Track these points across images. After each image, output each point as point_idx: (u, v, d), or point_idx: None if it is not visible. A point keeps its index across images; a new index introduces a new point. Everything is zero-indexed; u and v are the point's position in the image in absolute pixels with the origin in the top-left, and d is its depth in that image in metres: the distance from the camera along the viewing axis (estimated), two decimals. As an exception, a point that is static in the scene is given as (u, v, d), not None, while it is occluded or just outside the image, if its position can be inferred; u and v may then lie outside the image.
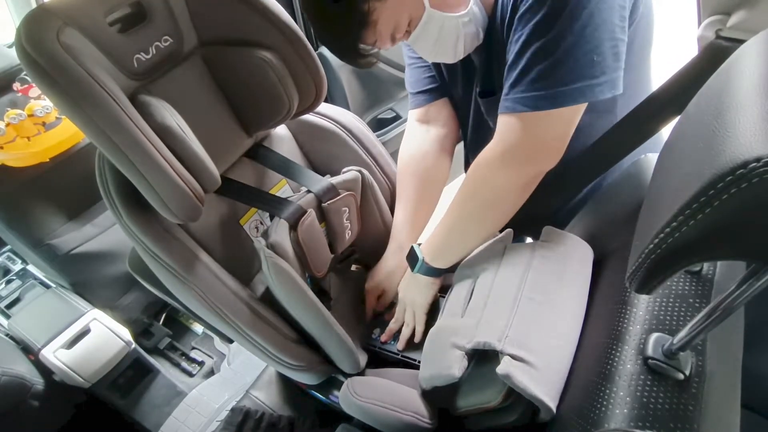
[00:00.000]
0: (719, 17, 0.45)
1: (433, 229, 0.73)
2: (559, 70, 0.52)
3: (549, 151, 0.59)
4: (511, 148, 0.59)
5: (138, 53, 0.57)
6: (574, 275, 0.59)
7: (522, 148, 0.59)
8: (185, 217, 0.59)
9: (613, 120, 0.64)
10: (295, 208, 0.70)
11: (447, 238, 0.70)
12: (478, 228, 0.67)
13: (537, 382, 0.48)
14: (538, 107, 0.55)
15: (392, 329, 0.79)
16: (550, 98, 0.54)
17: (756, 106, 0.27)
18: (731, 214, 0.27)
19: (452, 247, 0.70)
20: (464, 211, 0.67)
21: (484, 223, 0.66)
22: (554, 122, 0.56)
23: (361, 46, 0.58)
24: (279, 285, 0.63)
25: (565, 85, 0.53)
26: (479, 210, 0.66)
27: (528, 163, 0.60)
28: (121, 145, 0.51)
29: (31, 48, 0.47)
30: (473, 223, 0.67)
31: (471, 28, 0.60)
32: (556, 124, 0.57)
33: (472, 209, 0.66)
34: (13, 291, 1.28)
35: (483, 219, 0.66)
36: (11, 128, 1.05)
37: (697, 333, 0.37)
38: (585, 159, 0.63)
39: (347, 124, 0.82)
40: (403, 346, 0.76)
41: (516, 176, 0.61)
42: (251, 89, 0.66)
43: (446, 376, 0.57)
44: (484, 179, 0.63)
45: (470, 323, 0.58)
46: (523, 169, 0.61)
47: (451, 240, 0.70)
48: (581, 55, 0.51)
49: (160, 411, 1.21)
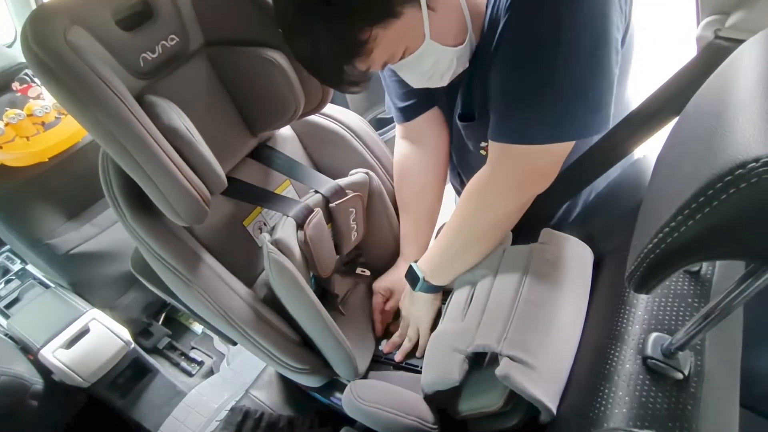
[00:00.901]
0: (718, 17, 0.45)
1: (431, 248, 0.72)
2: (556, 106, 0.51)
3: (544, 176, 0.60)
4: (507, 176, 0.60)
5: (144, 52, 0.57)
6: (574, 276, 0.59)
7: (518, 175, 0.59)
8: (192, 220, 0.58)
9: None
10: (303, 207, 0.69)
11: (446, 257, 0.70)
12: (478, 247, 0.67)
13: (536, 383, 0.48)
14: (533, 141, 0.54)
15: (395, 342, 0.79)
16: (547, 135, 0.53)
17: (754, 106, 0.27)
18: (730, 214, 0.27)
19: (452, 265, 0.70)
20: (463, 233, 0.67)
21: (484, 242, 0.67)
22: (548, 154, 0.56)
23: (347, 71, 0.54)
24: (279, 281, 0.63)
25: (561, 122, 0.52)
26: (479, 231, 0.66)
27: (524, 188, 0.61)
28: (128, 147, 0.50)
29: (38, 47, 0.46)
30: (473, 244, 0.67)
31: (464, 58, 0.59)
32: (550, 155, 0.57)
33: (472, 231, 0.66)
34: (13, 291, 1.28)
35: (482, 239, 0.67)
36: (10, 128, 1.04)
37: (696, 333, 0.37)
38: (584, 161, 0.63)
39: (352, 125, 0.82)
40: (401, 358, 0.77)
41: (514, 200, 0.62)
42: (257, 89, 0.66)
43: (447, 380, 0.57)
44: (482, 204, 0.63)
45: (470, 327, 0.58)
46: (520, 193, 0.61)
47: (450, 259, 0.70)
48: (579, 91, 0.50)
49: (159, 411, 1.21)
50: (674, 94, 0.53)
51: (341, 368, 0.72)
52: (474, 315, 0.59)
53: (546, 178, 0.60)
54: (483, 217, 0.64)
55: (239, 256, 0.74)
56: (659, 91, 0.55)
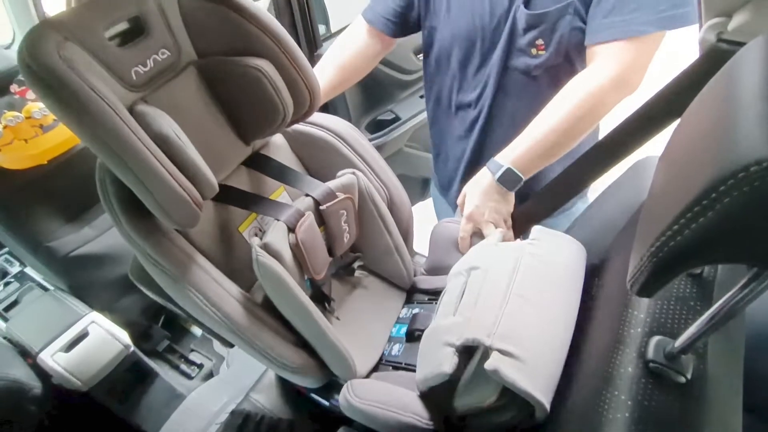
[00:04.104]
0: (721, 20, 0.45)
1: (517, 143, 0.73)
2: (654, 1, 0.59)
3: (639, 72, 0.66)
4: (623, 72, 0.64)
5: (136, 66, 0.59)
6: (565, 273, 0.59)
7: (632, 71, 0.64)
8: (184, 223, 0.60)
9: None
10: (294, 211, 0.71)
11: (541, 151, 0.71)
12: (567, 145, 0.71)
13: (526, 377, 0.48)
14: (643, 32, 0.61)
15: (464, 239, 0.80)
16: (655, 23, 0.61)
17: (756, 109, 0.27)
18: (733, 218, 0.27)
19: (540, 159, 0.72)
20: (569, 131, 0.69)
21: (573, 140, 0.71)
22: (654, 46, 0.64)
23: None
24: (267, 283, 0.64)
25: (662, 11, 0.60)
26: (583, 128, 0.69)
27: (630, 86, 0.66)
28: (120, 154, 0.52)
29: (33, 62, 0.48)
30: (573, 140, 0.71)
31: None
32: (654, 47, 0.64)
33: (578, 128, 0.69)
34: (11, 293, 1.27)
35: (575, 136, 0.70)
36: (8, 130, 1.04)
37: (699, 336, 0.37)
38: (584, 161, 0.63)
39: (340, 132, 0.83)
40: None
41: (619, 99, 0.67)
42: (247, 98, 0.67)
43: (438, 375, 0.57)
44: (597, 104, 0.67)
45: (461, 321, 0.59)
46: (625, 92, 0.66)
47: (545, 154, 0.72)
48: None
49: (158, 414, 1.21)
50: (676, 96, 0.53)
51: (338, 369, 0.72)
52: (465, 310, 0.60)
53: (639, 75, 0.66)
54: (594, 115, 0.68)
55: (236, 261, 0.75)
56: (661, 93, 0.55)
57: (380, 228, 0.83)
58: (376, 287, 0.91)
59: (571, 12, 0.67)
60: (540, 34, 0.71)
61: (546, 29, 0.70)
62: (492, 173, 0.74)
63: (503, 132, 0.82)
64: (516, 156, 0.72)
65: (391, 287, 0.91)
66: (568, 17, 0.68)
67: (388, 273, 0.90)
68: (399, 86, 1.47)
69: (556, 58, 0.73)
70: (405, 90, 1.50)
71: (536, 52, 0.72)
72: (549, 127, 0.70)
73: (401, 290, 0.92)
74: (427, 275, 0.93)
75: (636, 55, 0.64)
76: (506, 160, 0.73)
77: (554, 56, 0.72)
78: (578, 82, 0.69)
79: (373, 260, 0.89)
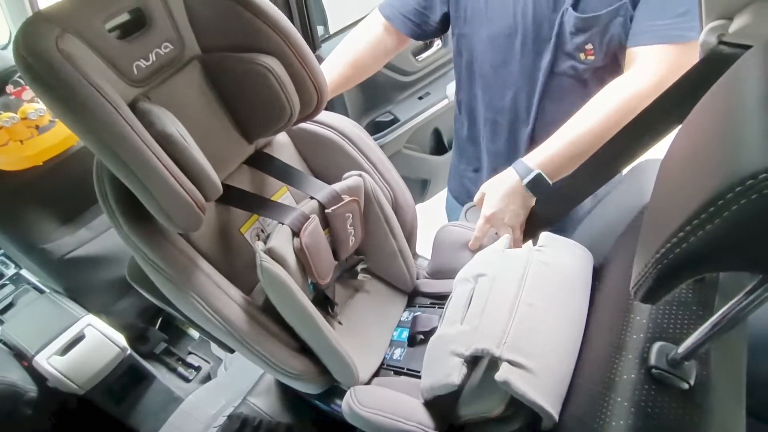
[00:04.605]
0: (722, 22, 0.44)
1: (546, 146, 0.70)
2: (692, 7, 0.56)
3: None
4: (663, 78, 0.62)
5: (138, 60, 0.56)
6: (573, 280, 0.58)
7: (672, 76, 0.60)
8: (187, 227, 0.58)
9: None
10: (298, 214, 0.69)
11: (572, 156, 0.68)
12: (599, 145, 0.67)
13: (536, 388, 0.48)
14: (687, 37, 0.60)
15: (478, 239, 0.78)
16: (698, 29, 0.56)
17: (764, 115, 0.27)
18: (739, 226, 0.26)
19: (576, 163, 0.69)
20: (602, 136, 0.66)
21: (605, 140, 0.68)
22: (694, 52, 0.59)
23: None
24: (271, 289, 0.63)
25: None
26: (610, 131, 0.65)
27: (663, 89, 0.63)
28: (121, 154, 0.50)
29: (29, 56, 0.46)
30: (600, 144, 0.67)
31: None
32: (695, 54, 0.59)
33: (613, 133, 0.65)
34: (7, 296, 1.26)
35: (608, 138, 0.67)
36: (4, 131, 1.03)
37: (702, 343, 0.37)
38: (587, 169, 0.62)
39: (346, 131, 0.81)
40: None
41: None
42: (252, 96, 0.65)
43: (446, 385, 0.57)
44: (636, 108, 0.62)
45: (468, 330, 0.58)
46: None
47: (576, 158, 0.68)
48: None
49: (155, 417, 1.20)
50: (678, 99, 0.53)
51: (340, 375, 0.71)
52: (473, 318, 0.59)
53: None
54: (616, 119, 0.65)
55: (236, 263, 0.73)
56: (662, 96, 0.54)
57: (385, 231, 0.81)
58: (378, 290, 0.90)
59: (623, 14, 0.65)
60: (590, 38, 0.67)
61: (596, 33, 0.67)
62: (520, 176, 0.70)
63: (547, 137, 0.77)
64: (546, 159, 0.69)
65: (393, 290, 0.91)
66: (620, 19, 0.65)
67: (391, 276, 0.89)
68: (398, 88, 1.47)
69: (604, 60, 0.70)
70: (404, 91, 1.49)
71: (585, 57, 0.69)
72: (584, 130, 0.67)
73: (403, 293, 0.91)
74: (430, 278, 0.93)
75: (677, 60, 0.62)
76: (535, 163, 0.69)
77: (602, 59, 0.70)
78: (617, 86, 0.67)
79: (377, 263, 0.88)
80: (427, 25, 0.87)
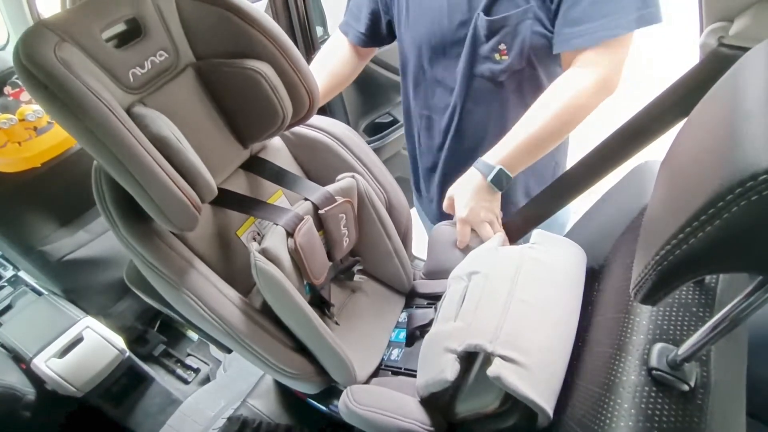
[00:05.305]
0: (722, 24, 0.45)
1: (503, 143, 0.75)
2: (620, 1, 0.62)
3: (620, 74, 0.68)
4: (603, 76, 0.67)
5: (134, 68, 0.59)
6: (566, 277, 0.59)
7: (611, 74, 0.67)
8: (183, 226, 0.59)
9: None
10: (292, 215, 0.70)
11: (529, 150, 0.73)
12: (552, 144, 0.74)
13: (529, 384, 0.48)
14: (616, 34, 0.64)
15: (463, 241, 0.80)
16: (623, 26, 0.63)
17: (763, 117, 0.27)
18: (740, 227, 0.26)
19: (532, 157, 0.75)
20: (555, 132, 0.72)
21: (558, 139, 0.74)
22: (627, 45, 0.66)
23: None
24: (266, 288, 0.63)
25: (629, 14, 0.63)
26: (567, 130, 0.73)
27: (610, 88, 0.69)
28: (118, 156, 0.52)
29: (29, 63, 0.48)
30: (557, 140, 0.74)
31: None
32: (627, 46, 0.66)
33: (562, 130, 0.72)
34: (5, 298, 1.26)
35: (564, 135, 0.74)
36: (2, 133, 1.03)
37: (703, 345, 0.36)
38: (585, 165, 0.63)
39: (339, 134, 0.83)
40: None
41: (601, 101, 0.69)
42: (246, 101, 0.67)
43: (440, 381, 0.57)
44: (582, 107, 0.69)
45: (462, 326, 0.58)
46: (606, 94, 0.69)
47: (532, 153, 0.74)
48: None
49: (154, 419, 1.20)
50: (677, 100, 0.53)
51: (337, 375, 0.72)
52: (466, 315, 0.59)
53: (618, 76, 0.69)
54: (578, 117, 0.70)
55: (233, 266, 0.74)
56: (662, 97, 0.54)
57: (379, 232, 0.82)
58: (376, 291, 0.90)
59: (531, 17, 0.70)
60: (502, 39, 0.72)
61: (507, 33, 0.72)
62: (483, 174, 0.74)
63: (473, 139, 0.84)
64: (504, 156, 0.73)
65: (391, 291, 0.91)
66: (528, 21, 0.70)
67: (387, 277, 0.90)
68: (397, 89, 1.47)
69: (519, 63, 0.74)
70: (403, 93, 1.50)
71: (500, 57, 0.74)
72: (537, 128, 0.71)
73: (400, 294, 0.91)
74: (426, 279, 0.93)
75: (611, 57, 0.67)
76: (495, 161, 0.73)
77: (517, 61, 0.74)
78: (562, 84, 0.71)
79: (373, 264, 0.88)
80: (379, 35, 0.93)
